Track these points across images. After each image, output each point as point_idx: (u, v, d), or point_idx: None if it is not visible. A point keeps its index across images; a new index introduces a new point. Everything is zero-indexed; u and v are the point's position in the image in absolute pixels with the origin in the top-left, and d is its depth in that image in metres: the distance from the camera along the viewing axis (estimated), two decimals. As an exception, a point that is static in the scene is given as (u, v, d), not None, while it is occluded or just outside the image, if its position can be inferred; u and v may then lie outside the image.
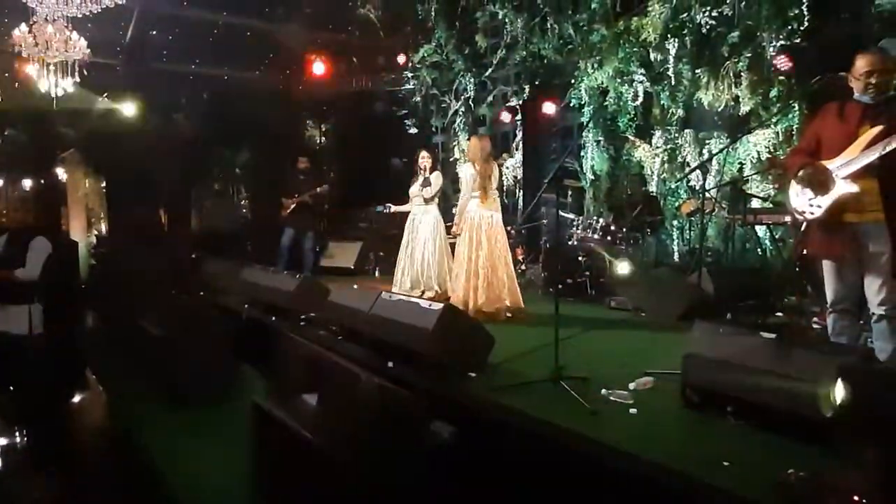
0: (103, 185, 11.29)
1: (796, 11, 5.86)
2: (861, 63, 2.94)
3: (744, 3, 6.23)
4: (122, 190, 10.15)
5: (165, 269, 7.21)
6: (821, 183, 2.97)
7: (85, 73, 6.59)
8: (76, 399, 4.71)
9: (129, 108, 9.55)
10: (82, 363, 5.21)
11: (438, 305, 3.52)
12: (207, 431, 3.67)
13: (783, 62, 5.92)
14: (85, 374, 5.04)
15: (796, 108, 5.99)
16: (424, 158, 6.26)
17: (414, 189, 6.22)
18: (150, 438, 3.61)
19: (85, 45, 6.47)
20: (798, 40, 5.92)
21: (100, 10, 5.78)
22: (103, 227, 11.50)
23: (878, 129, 2.83)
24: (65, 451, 3.70)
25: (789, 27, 5.94)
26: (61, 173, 11.06)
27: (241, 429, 3.05)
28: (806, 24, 5.83)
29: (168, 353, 4.24)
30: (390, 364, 3.53)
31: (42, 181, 10.32)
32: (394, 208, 6.84)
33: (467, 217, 5.22)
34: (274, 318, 5.09)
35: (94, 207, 11.71)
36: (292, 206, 7.73)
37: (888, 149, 2.75)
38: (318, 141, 11.97)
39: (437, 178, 6.17)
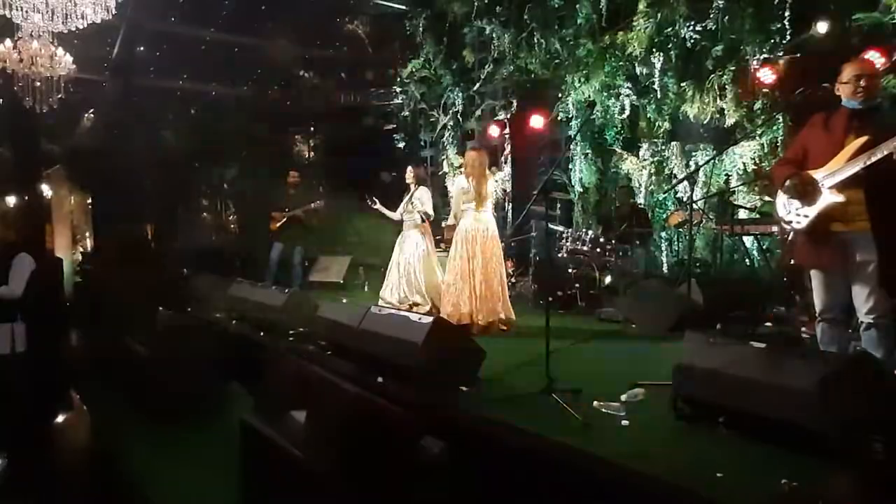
0: (89, 201, 11.20)
1: (778, 25, 5.97)
2: (851, 68, 2.99)
3: (727, 17, 6.33)
4: (108, 206, 10.07)
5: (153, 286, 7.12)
6: (807, 193, 2.99)
7: (70, 89, 6.56)
8: (60, 419, 4.62)
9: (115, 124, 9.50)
10: (66, 382, 5.12)
11: (428, 319, 3.49)
12: (195, 450, 3.61)
13: (766, 75, 6.01)
14: (69, 393, 4.95)
15: (780, 119, 6.08)
16: (409, 172, 6.31)
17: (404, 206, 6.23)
18: (136, 458, 3.54)
19: (70, 61, 6.44)
20: (781, 53, 6.03)
21: (86, 27, 5.75)
22: (89, 244, 11.38)
23: (863, 139, 2.86)
24: (48, 471, 3.61)
25: (772, 41, 6.04)
26: (46, 190, 10.95)
27: (229, 447, 2.99)
28: (788, 37, 5.93)
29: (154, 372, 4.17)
30: (380, 379, 3.49)
31: (26, 197, 10.22)
32: (378, 205, 6.67)
33: (461, 230, 5.19)
34: (262, 334, 5.03)
35: (80, 224, 11.61)
36: (282, 221, 7.69)
37: (873, 159, 2.78)
38: (307, 156, 11.96)
39: (426, 195, 6.21)
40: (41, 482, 3.43)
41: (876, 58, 4.96)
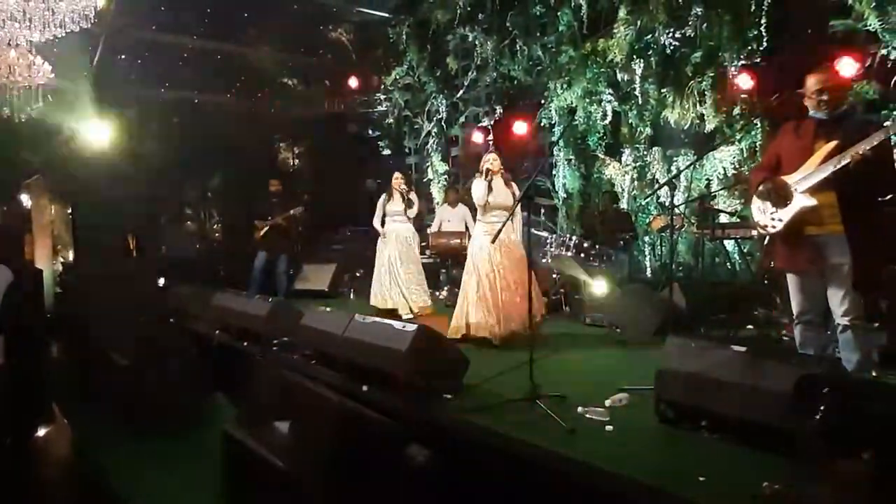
0: (69, 211, 11.04)
1: (755, 32, 6.07)
2: (812, 81, 3.04)
3: (705, 24, 6.43)
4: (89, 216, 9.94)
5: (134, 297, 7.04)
6: (780, 196, 3.03)
7: (49, 97, 6.48)
8: (40, 432, 4.54)
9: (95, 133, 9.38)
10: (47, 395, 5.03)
11: (412, 327, 3.49)
12: (177, 462, 3.56)
13: (744, 81, 6.11)
14: (50, 406, 4.87)
15: (758, 124, 6.17)
16: (399, 180, 6.48)
17: (395, 207, 6.41)
18: (117, 471, 3.49)
19: (49, 70, 6.36)
20: (758, 60, 6.13)
21: (64, 35, 5.69)
22: (70, 255, 11.21)
23: (833, 143, 2.91)
24: (28, 486, 3.55)
25: (749, 47, 6.14)
26: (25, 199, 10.78)
27: (212, 458, 2.97)
28: (764, 44, 6.03)
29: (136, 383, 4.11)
30: (365, 387, 3.48)
31: (4, 207, 10.06)
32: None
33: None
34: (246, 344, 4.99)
35: (60, 234, 11.43)
36: (265, 230, 7.65)
37: (843, 163, 2.83)
38: (291, 164, 11.92)
39: (415, 198, 6.57)
40: (21, 496, 3.37)
41: (848, 65, 5.08)
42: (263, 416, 2.91)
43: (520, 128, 8.18)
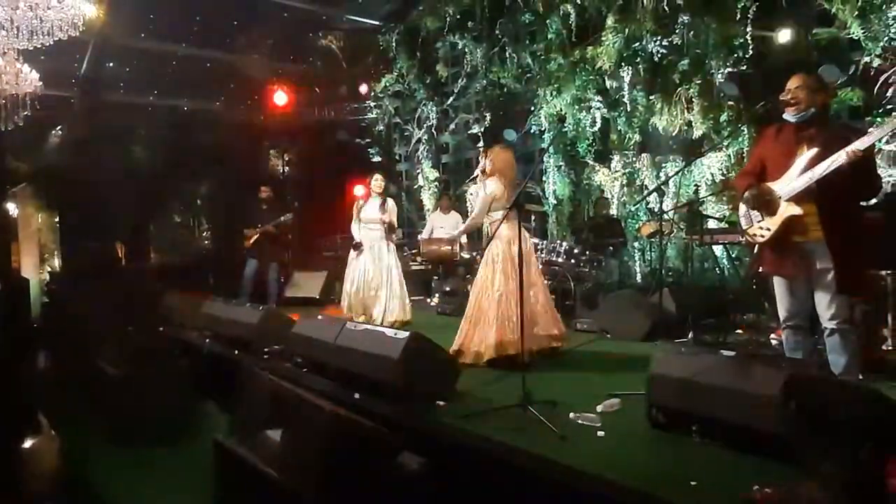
0: (56, 219, 10.95)
1: (741, 40, 6.15)
2: (788, 84, 3.09)
3: (692, 32, 6.50)
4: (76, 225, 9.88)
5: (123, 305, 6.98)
6: (766, 203, 3.07)
7: (37, 105, 6.43)
8: (27, 443, 4.48)
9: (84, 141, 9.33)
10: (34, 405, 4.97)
11: (404, 334, 3.49)
12: (167, 473, 3.53)
13: (730, 88, 6.19)
14: (37, 416, 4.81)
15: (745, 131, 6.24)
16: (378, 181, 6.18)
17: (371, 213, 6.10)
18: (107, 483, 3.45)
19: (37, 78, 6.32)
20: (744, 67, 6.20)
21: (52, 43, 5.65)
22: (57, 264, 11.12)
23: (814, 150, 2.94)
24: (15, 497, 3.50)
25: (735, 55, 6.22)
26: (12, 208, 10.69)
27: (203, 469, 2.95)
28: (750, 52, 6.11)
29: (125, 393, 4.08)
30: (357, 395, 3.48)
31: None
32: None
33: (502, 242, 4.40)
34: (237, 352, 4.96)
35: (47, 243, 11.34)
36: (255, 237, 7.63)
37: (818, 175, 2.87)
38: (281, 171, 11.90)
39: (392, 203, 6.24)
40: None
41: (829, 72, 5.17)
42: (255, 425, 2.90)
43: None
